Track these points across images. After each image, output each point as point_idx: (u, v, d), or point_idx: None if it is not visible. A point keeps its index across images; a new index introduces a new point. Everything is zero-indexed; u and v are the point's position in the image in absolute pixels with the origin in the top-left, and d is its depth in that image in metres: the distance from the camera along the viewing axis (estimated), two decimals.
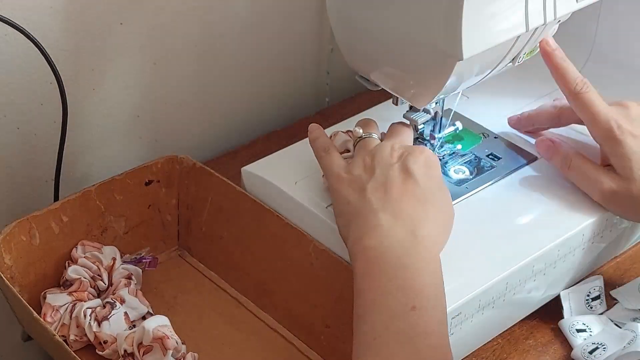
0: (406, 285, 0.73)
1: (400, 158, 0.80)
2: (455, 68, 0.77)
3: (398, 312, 0.72)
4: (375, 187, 0.78)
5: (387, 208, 0.77)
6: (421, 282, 0.73)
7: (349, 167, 0.81)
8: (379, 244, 0.75)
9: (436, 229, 0.78)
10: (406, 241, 0.75)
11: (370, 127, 0.85)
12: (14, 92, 0.90)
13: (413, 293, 0.72)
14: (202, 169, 0.91)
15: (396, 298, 0.72)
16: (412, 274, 0.73)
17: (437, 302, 0.73)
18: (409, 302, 0.72)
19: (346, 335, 0.82)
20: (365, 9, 0.81)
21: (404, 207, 0.77)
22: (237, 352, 0.85)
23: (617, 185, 0.85)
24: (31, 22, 0.87)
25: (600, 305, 0.88)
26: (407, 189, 0.78)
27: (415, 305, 0.72)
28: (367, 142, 0.83)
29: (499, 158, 0.92)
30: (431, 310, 0.72)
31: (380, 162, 0.80)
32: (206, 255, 0.93)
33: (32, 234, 0.84)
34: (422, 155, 0.80)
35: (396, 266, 0.74)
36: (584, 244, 0.87)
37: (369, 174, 0.79)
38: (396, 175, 0.79)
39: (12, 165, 0.94)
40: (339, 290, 0.82)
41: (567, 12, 0.80)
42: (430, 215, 0.77)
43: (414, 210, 0.77)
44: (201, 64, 1.04)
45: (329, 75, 1.18)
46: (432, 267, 0.75)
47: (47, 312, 0.83)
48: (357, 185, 0.79)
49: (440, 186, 0.80)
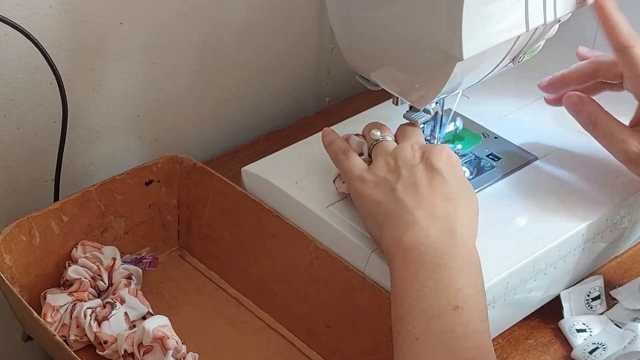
0: (446, 285, 0.73)
1: (423, 157, 0.80)
2: (455, 68, 0.77)
3: (439, 313, 0.71)
4: (405, 187, 0.78)
5: (422, 206, 0.77)
6: (461, 282, 0.73)
7: (372, 170, 0.81)
8: (418, 244, 0.75)
9: (469, 224, 0.78)
10: (444, 240, 0.75)
11: (385, 130, 0.85)
12: (14, 92, 0.90)
13: (453, 293, 0.72)
14: (202, 169, 0.91)
15: (436, 298, 0.72)
16: (451, 274, 0.73)
17: (478, 300, 0.73)
18: (450, 302, 0.71)
19: (346, 335, 0.82)
20: (365, 9, 0.81)
21: (436, 205, 0.77)
22: (237, 352, 0.85)
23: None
24: (31, 22, 0.87)
25: (600, 305, 0.88)
26: (435, 187, 0.78)
27: (457, 305, 0.71)
28: (385, 145, 0.83)
29: (499, 158, 0.92)
30: (472, 309, 0.72)
31: (405, 163, 0.80)
32: (206, 255, 0.93)
33: (32, 234, 0.84)
34: (444, 152, 0.81)
35: (436, 266, 0.74)
36: (584, 244, 0.87)
37: (395, 175, 0.80)
38: (423, 175, 0.79)
39: (12, 165, 0.94)
40: (339, 290, 0.82)
41: (567, 12, 0.80)
42: (462, 211, 0.78)
43: (447, 207, 0.77)
44: (201, 64, 1.04)
45: (329, 75, 1.18)
46: (471, 265, 0.75)
47: (47, 312, 0.83)
48: (385, 186, 0.79)
49: (465, 182, 0.81)
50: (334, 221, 0.84)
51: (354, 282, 0.81)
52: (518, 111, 0.98)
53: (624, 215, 0.90)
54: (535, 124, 0.97)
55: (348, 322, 0.82)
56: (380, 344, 0.79)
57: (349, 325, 0.82)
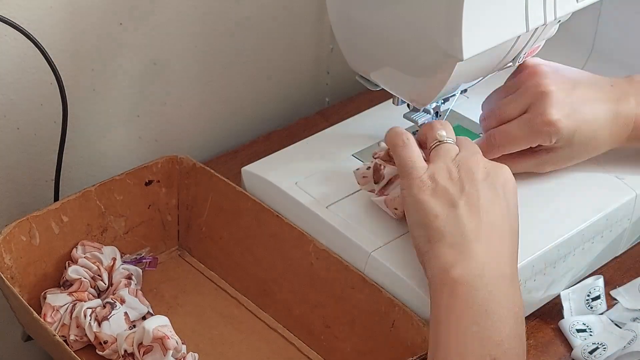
0: (490, 335, 0.70)
1: (488, 176, 0.76)
2: (455, 68, 0.77)
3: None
4: (468, 207, 0.74)
5: (481, 238, 0.73)
6: (505, 333, 0.70)
7: (432, 174, 0.76)
8: (469, 283, 0.71)
9: (516, 259, 0.75)
10: (498, 284, 0.72)
11: (450, 131, 0.81)
12: (14, 92, 0.90)
13: (495, 344, 0.70)
14: (202, 169, 0.91)
15: (477, 345, 0.70)
16: (495, 323, 0.70)
17: (518, 353, 0.71)
18: (490, 353, 0.69)
19: (346, 335, 0.82)
20: (365, 9, 0.81)
21: (494, 239, 0.74)
22: (237, 352, 0.85)
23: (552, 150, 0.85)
24: (31, 22, 0.87)
25: (600, 305, 0.88)
26: (495, 214, 0.75)
27: (495, 358, 0.69)
28: (449, 149, 0.79)
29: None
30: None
31: (469, 176, 0.76)
32: (206, 255, 0.93)
33: (32, 234, 0.84)
34: (507, 174, 0.78)
35: (483, 311, 0.71)
36: (584, 244, 0.87)
37: (458, 187, 0.75)
38: (487, 197, 0.75)
39: (12, 165, 0.94)
40: (339, 290, 0.82)
41: (567, 12, 0.80)
42: (513, 250, 0.75)
43: (502, 244, 0.74)
44: (201, 64, 1.04)
45: (329, 75, 1.18)
46: (519, 314, 0.72)
47: (47, 312, 0.83)
48: (445, 197, 0.75)
49: (517, 208, 0.78)
50: (334, 221, 0.84)
51: (354, 282, 0.81)
52: None
53: (624, 215, 0.90)
54: None
55: (348, 322, 0.82)
56: (380, 344, 0.79)
57: (348, 325, 0.82)
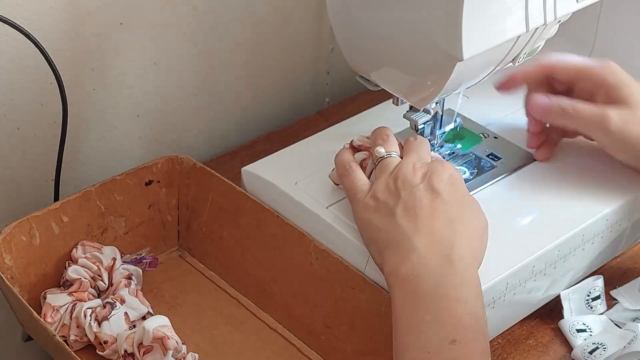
0: (444, 318, 0.71)
1: (425, 177, 0.78)
2: (455, 68, 0.77)
3: (436, 348, 0.70)
4: (405, 211, 0.76)
5: (420, 231, 0.75)
6: (459, 313, 0.71)
7: (373, 192, 0.79)
8: (415, 274, 0.73)
9: (470, 247, 0.76)
10: (442, 268, 0.73)
11: (391, 144, 0.82)
12: (14, 92, 0.90)
13: (451, 325, 0.70)
14: (202, 169, 0.91)
15: (433, 332, 0.70)
16: (449, 305, 0.71)
17: (478, 331, 0.71)
18: (448, 336, 0.70)
19: (346, 335, 0.82)
20: (365, 9, 0.81)
21: (436, 229, 0.75)
22: (237, 352, 0.85)
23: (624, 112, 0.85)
24: (31, 22, 0.87)
25: (600, 305, 0.88)
26: (436, 209, 0.76)
27: (455, 339, 0.69)
28: (388, 163, 0.81)
29: (499, 158, 0.92)
30: (471, 342, 0.70)
31: (405, 184, 0.78)
32: (206, 256, 0.93)
33: (32, 234, 0.84)
34: (446, 172, 0.78)
35: (433, 297, 0.72)
36: (584, 244, 0.87)
37: (395, 197, 0.77)
38: (423, 196, 0.77)
39: (12, 165, 0.94)
40: (339, 290, 0.82)
41: (567, 12, 0.80)
42: (463, 234, 0.76)
43: (446, 231, 0.75)
44: (201, 64, 1.04)
45: (329, 75, 1.18)
46: (470, 292, 0.73)
47: (47, 312, 0.83)
48: (385, 211, 0.77)
49: (468, 200, 0.79)
50: (334, 221, 0.84)
51: (354, 282, 0.81)
52: (518, 111, 0.98)
53: (624, 215, 0.90)
54: None
55: (348, 322, 0.82)
56: (380, 344, 0.79)
57: (348, 325, 0.82)
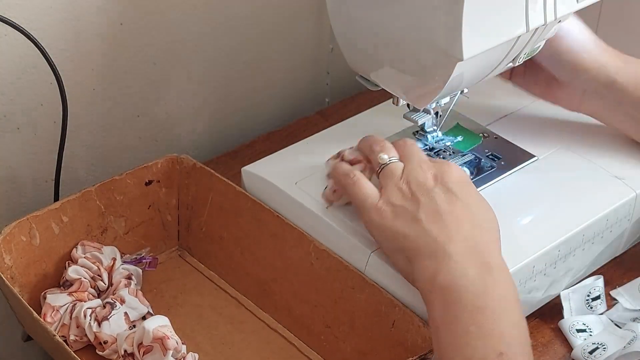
0: (489, 330, 0.70)
1: (437, 179, 0.78)
2: (455, 68, 0.77)
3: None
4: (430, 217, 0.75)
5: (452, 238, 0.74)
6: (504, 324, 0.71)
7: (387, 198, 0.78)
8: (455, 284, 0.72)
9: (499, 250, 0.76)
10: (483, 277, 0.72)
11: (389, 149, 0.82)
12: (14, 92, 0.90)
13: (497, 338, 0.70)
14: (202, 169, 0.91)
15: (480, 345, 0.70)
16: (492, 317, 0.71)
17: (521, 341, 0.71)
18: (495, 349, 0.69)
19: (346, 335, 0.82)
20: (365, 9, 0.81)
21: (464, 233, 0.75)
22: (237, 352, 0.85)
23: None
24: (31, 22, 0.87)
25: (600, 305, 0.88)
26: (457, 212, 0.76)
27: (501, 352, 0.69)
28: (394, 169, 0.80)
29: (499, 158, 0.92)
30: (517, 353, 0.70)
31: (420, 188, 0.77)
32: (206, 255, 0.93)
33: (32, 234, 0.84)
34: (455, 172, 0.78)
35: (477, 308, 0.71)
36: (584, 244, 0.87)
37: (414, 202, 0.76)
38: (442, 200, 0.76)
39: (12, 165, 0.94)
40: (339, 290, 0.82)
41: (567, 12, 0.80)
42: (492, 238, 0.76)
43: (476, 236, 0.75)
44: (201, 64, 1.04)
45: (329, 75, 1.18)
46: (511, 300, 0.73)
47: (47, 312, 0.83)
48: (406, 216, 0.76)
49: (481, 198, 0.79)
50: (334, 221, 0.84)
51: (354, 282, 0.81)
52: (518, 111, 0.98)
53: (624, 215, 0.90)
54: (535, 124, 0.97)
55: (348, 322, 0.82)
56: (380, 344, 0.79)
57: (348, 325, 0.82)
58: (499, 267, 0.74)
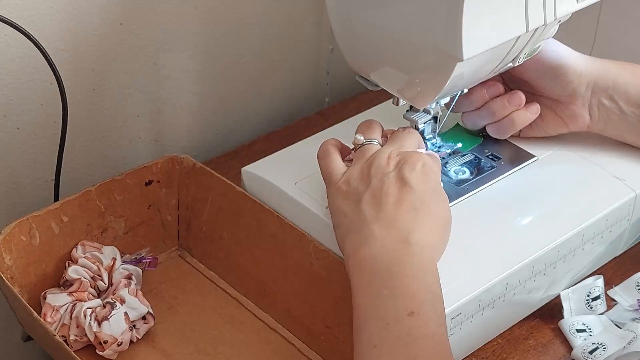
0: (401, 292, 0.72)
1: (397, 166, 0.79)
2: (455, 68, 0.77)
3: (395, 319, 0.71)
4: (370, 198, 0.77)
5: (381, 218, 0.76)
6: (415, 287, 0.73)
7: (347, 176, 0.80)
8: (371, 256, 0.75)
9: (431, 235, 0.77)
10: (397, 249, 0.75)
11: (372, 131, 0.84)
12: (14, 92, 0.90)
13: (407, 299, 0.72)
14: (202, 169, 0.91)
15: (390, 305, 0.72)
16: (403, 281, 0.73)
17: (434, 304, 0.73)
18: (406, 308, 0.71)
19: (346, 335, 0.82)
20: (365, 9, 0.81)
21: (398, 216, 0.76)
22: (237, 352, 0.85)
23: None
24: (31, 22, 0.87)
25: (600, 305, 0.88)
26: (402, 198, 0.77)
27: (412, 311, 0.71)
28: (366, 150, 0.82)
29: (499, 158, 0.92)
30: (428, 313, 0.72)
31: (377, 171, 0.79)
32: (206, 256, 0.93)
33: (32, 234, 0.84)
34: (419, 161, 0.79)
35: (388, 274, 0.73)
36: (584, 244, 0.87)
37: (365, 184, 0.78)
38: (392, 184, 0.78)
39: (12, 165, 0.94)
40: (339, 290, 0.82)
41: (567, 12, 0.80)
42: (425, 222, 0.77)
43: (407, 218, 0.76)
44: (201, 64, 1.04)
45: (329, 75, 1.18)
46: (426, 271, 0.74)
47: (47, 312, 0.83)
48: (353, 197, 0.78)
49: (437, 192, 0.79)
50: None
51: None
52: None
53: (624, 215, 0.90)
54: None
55: (348, 323, 0.82)
56: None
57: (348, 325, 0.82)
58: (418, 242, 0.75)
